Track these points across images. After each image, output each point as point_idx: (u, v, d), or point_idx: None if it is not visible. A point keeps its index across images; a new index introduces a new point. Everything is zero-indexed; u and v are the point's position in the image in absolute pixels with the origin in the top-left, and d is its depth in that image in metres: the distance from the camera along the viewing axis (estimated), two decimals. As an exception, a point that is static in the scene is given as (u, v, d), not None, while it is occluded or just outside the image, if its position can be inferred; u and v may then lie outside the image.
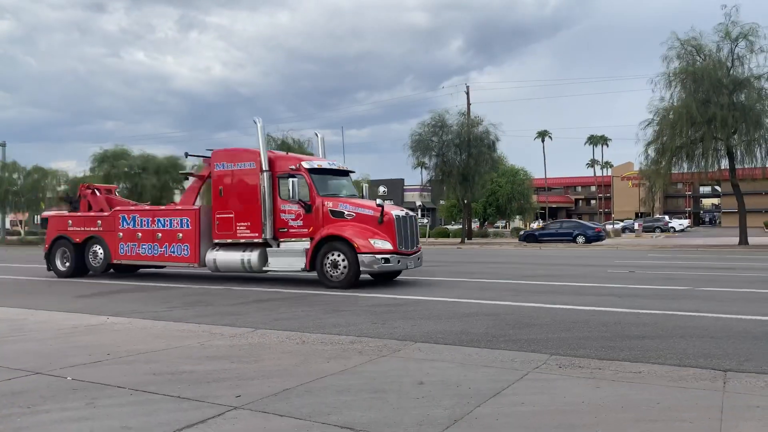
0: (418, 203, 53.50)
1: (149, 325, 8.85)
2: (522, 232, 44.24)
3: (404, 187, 71.12)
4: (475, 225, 55.63)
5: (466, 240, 42.23)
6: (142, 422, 4.31)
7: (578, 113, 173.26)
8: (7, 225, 54.86)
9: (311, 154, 42.59)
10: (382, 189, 67.83)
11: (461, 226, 46.13)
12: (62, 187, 47.41)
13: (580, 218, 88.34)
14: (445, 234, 52.08)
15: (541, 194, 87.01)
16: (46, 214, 17.61)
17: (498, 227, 67.06)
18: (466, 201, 44.04)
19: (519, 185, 55.49)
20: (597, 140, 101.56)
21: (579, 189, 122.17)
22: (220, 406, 4.64)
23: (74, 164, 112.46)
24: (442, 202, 57.89)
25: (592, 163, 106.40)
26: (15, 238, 49.71)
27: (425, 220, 44.30)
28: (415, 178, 70.93)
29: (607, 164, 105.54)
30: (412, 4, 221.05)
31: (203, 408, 4.62)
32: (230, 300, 11.72)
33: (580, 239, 38.89)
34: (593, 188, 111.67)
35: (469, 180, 40.43)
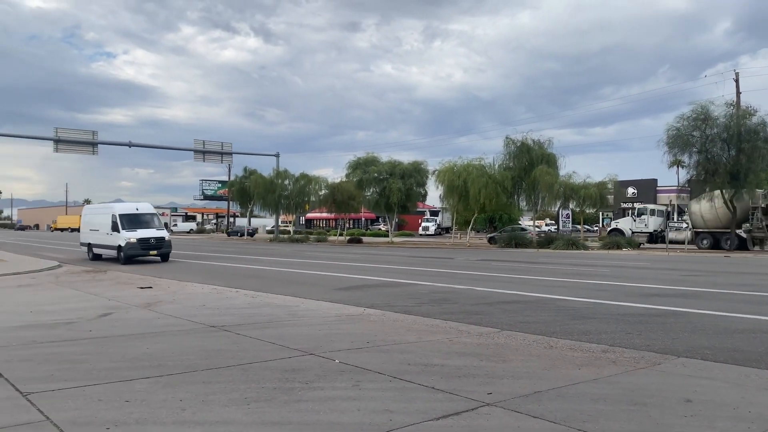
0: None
1: (400, 318, 9.42)
2: None
3: (657, 188, 65.11)
4: (745, 231, 48.56)
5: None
6: (402, 408, 4.60)
7: None
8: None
9: (551, 155, 41.41)
10: (631, 190, 63.16)
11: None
12: (323, 192, 52.95)
13: None
14: (706, 240, 46.39)
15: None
16: None
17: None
18: (734, 203, 38.70)
19: (806, 185, 46.95)
20: None
21: None
22: (473, 401, 4.75)
23: (331, 171, 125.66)
24: (702, 204, 51.69)
25: None
26: (285, 236, 56.86)
27: (684, 225, 39.81)
28: (670, 178, 64.56)
29: None
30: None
31: (456, 401, 4.77)
32: (473, 300, 11.93)
33: None
34: None
35: (739, 179, 35.48)
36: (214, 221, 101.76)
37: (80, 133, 45.74)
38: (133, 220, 24.93)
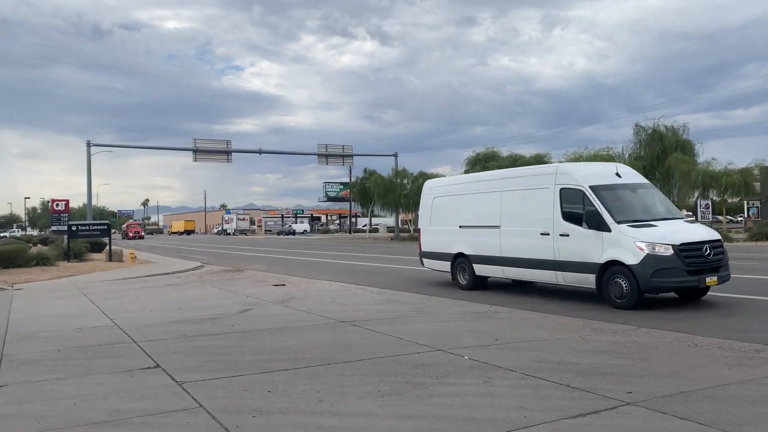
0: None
1: (528, 315, 9.21)
2: None
3: (812, 173, 58.62)
4: None
5: None
6: (536, 405, 4.50)
7: None
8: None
9: (686, 141, 38.62)
10: (780, 176, 57.39)
11: None
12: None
13: None
14: None
15: None
16: None
17: None
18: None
19: None
20: None
21: None
22: (612, 400, 4.55)
23: (449, 169, 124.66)
24: None
25: None
26: (405, 235, 57.54)
27: None
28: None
29: None
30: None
31: (593, 399, 4.60)
32: (605, 296, 11.38)
33: None
34: None
35: None
36: (338, 222, 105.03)
37: (216, 143, 49.11)
38: (621, 202, 10.55)
